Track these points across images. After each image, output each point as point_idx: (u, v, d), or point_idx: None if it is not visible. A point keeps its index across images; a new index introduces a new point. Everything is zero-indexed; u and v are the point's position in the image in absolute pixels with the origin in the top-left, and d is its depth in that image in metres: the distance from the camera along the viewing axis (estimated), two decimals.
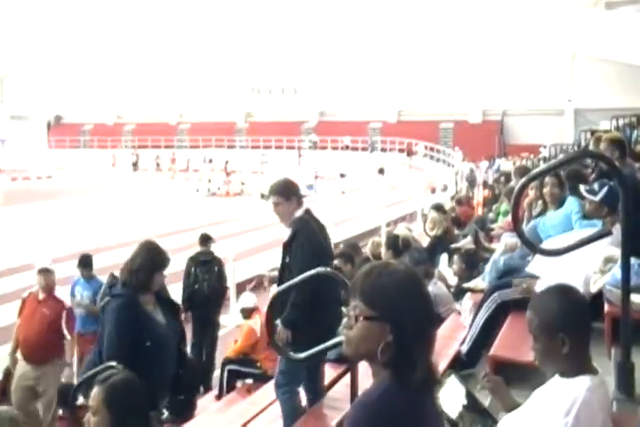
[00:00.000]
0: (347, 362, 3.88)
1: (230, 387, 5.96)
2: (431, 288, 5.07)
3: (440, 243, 8.50)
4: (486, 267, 4.86)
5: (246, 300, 6.34)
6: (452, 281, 6.13)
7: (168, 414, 4.12)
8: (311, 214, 4.02)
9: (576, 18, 26.19)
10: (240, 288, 9.27)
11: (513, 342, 3.54)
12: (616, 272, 2.94)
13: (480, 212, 11.57)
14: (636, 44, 25.84)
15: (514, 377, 3.10)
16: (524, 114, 32.81)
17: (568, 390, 1.81)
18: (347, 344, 1.44)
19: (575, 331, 1.84)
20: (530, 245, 2.99)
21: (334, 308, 3.76)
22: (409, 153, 33.22)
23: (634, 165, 4.97)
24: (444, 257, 7.99)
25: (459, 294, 5.45)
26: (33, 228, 17.20)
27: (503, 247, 4.93)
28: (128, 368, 2.82)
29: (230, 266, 8.14)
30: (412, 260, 6.07)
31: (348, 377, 3.63)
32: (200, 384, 4.99)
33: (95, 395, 2.31)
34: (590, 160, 5.65)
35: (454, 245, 7.71)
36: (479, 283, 4.88)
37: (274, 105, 37.56)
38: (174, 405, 3.50)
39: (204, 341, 7.34)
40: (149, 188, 28.28)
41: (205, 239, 7.68)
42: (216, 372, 6.71)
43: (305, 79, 36.84)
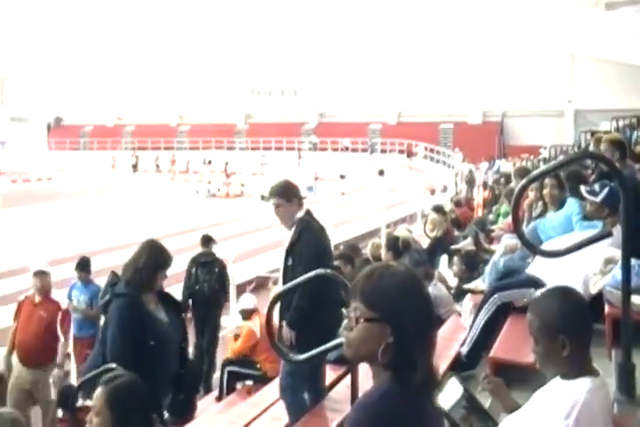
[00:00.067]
0: (347, 363, 3.87)
1: (230, 388, 5.96)
2: (431, 290, 5.07)
3: (440, 244, 8.51)
4: (486, 268, 4.85)
5: (246, 301, 6.34)
6: (452, 282, 6.13)
7: (168, 415, 4.12)
8: (312, 216, 4.03)
9: (576, 18, 26.20)
10: (240, 289, 9.26)
11: (513, 343, 3.53)
12: (616, 273, 2.94)
13: (480, 213, 11.57)
14: (636, 44, 25.85)
15: (514, 379, 3.10)
16: (523, 115, 32.82)
17: (569, 392, 1.81)
18: (347, 346, 1.44)
19: (576, 333, 1.84)
20: (530, 246, 2.99)
21: (335, 309, 3.76)
22: (409, 154, 33.23)
23: (634, 166, 4.98)
24: (444, 258, 7.99)
25: (459, 295, 5.45)
26: (33, 230, 17.18)
27: (503, 249, 4.93)
28: (131, 368, 2.82)
29: (230, 267, 8.16)
30: (412, 261, 6.08)
31: (348, 378, 3.62)
32: (199, 384, 4.98)
33: (98, 396, 2.31)
34: (590, 161, 5.65)
35: (454, 247, 7.72)
36: (479, 284, 4.88)
37: (274, 106, 37.58)
38: (174, 405, 3.49)
39: (204, 341, 7.35)
40: (149, 189, 28.27)
41: (207, 241, 7.68)
42: (216, 373, 6.71)
43: (305, 81, 36.86)
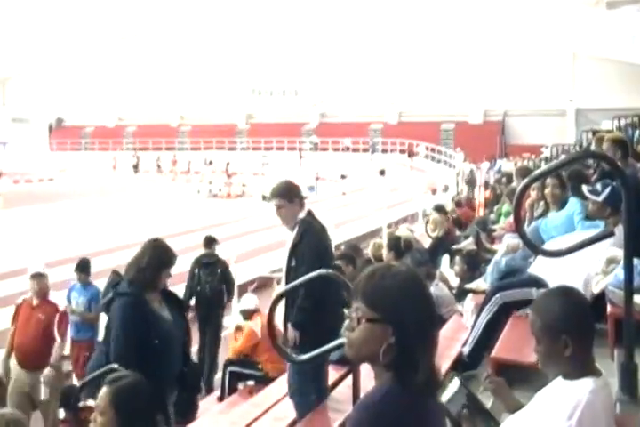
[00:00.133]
0: (349, 363, 3.87)
1: (232, 389, 5.96)
2: (433, 289, 5.06)
3: (441, 244, 8.50)
4: (488, 268, 4.85)
5: (247, 301, 6.33)
6: (454, 282, 6.13)
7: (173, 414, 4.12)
8: (313, 216, 4.02)
9: (577, 17, 26.18)
10: (242, 289, 9.27)
11: (515, 343, 3.53)
12: (619, 273, 2.94)
13: (481, 213, 11.55)
14: (637, 43, 25.81)
15: (516, 379, 3.09)
16: (525, 114, 32.80)
17: (571, 392, 1.80)
18: (349, 346, 1.44)
19: (578, 333, 1.83)
20: (532, 246, 2.98)
21: (337, 309, 3.76)
22: (410, 154, 33.21)
23: (636, 165, 4.96)
24: (445, 258, 7.99)
25: (460, 295, 5.45)
26: (34, 231, 17.19)
27: (505, 248, 4.93)
28: (135, 367, 2.82)
29: (232, 268, 8.18)
30: (413, 261, 6.08)
31: (350, 379, 3.62)
32: (200, 384, 4.98)
33: (103, 395, 2.29)
34: (592, 160, 5.64)
35: (456, 247, 7.71)
36: (481, 284, 4.88)
37: (275, 106, 37.59)
38: (177, 405, 3.49)
39: (206, 342, 7.35)
40: (150, 190, 28.28)
41: (210, 242, 7.71)
42: (218, 373, 6.71)
43: (306, 81, 36.86)
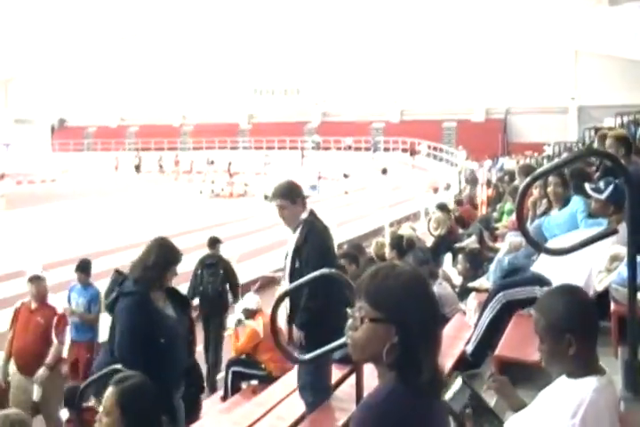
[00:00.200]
0: (352, 362, 3.87)
1: (235, 388, 5.96)
2: (436, 288, 5.06)
3: (444, 242, 8.50)
4: (491, 266, 4.84)
5: (249, 301, 6.31)
6: (457, 281, 6.13)
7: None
8: (315, 216, 4.01)
9: (579, 14, 26.12)
10: (244, 289, 9.27)
11: (518, 341, 3.52)
12: (622, 271, 2.92)
13: (484, 211, 11.52)
14: (639, 40, 25.72)
15: (519, 377, 3.08)
16: (527, 112, 32.75)
17: (575, 391, 1.79)
18: (352, 346, 1.44)
19: (582, 332, 1.82)
20: (535, 244, 2.97)
21: (340, 309, 3.75)
22: (412, 153, 33.17)
23: (639, 162, 4.94)
24: (448, 257, 7.98)
25: (463, 293, 5.45)
26: (36, 232, 17.22)
27: (508, 246, 4.92)
28: (141, 365, 2.84)
29: (235, 267, 8.20)
30: (416, 260, 6.07)
31: (353, 378, 3.62)
32: (203, 384, 4.98)
33: (109, 396, 2.30)
34: (594, 158, 5.62)
35: (459, 245, 7.69)
36: (484, 282, 4.87)
37: (276, 106, 37.59)
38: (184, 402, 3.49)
39: (209, 343, 7.35)
40: (153, 190, 28.30)
41: (213, 242, 7.75)
42: (221, 373, 6.71)
43: (307, 80, 36.85)
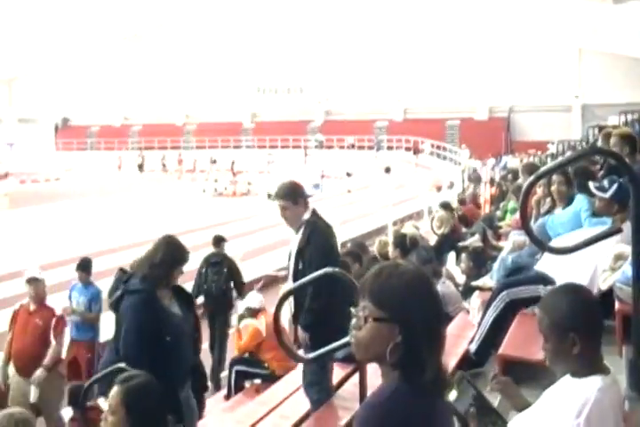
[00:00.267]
0: (355, 361, 3.87)
1: (239, 387, 5.96)
2: (440, 287, 5.05)
3: (447, 241, 8.48)
4: (494, 265, 4.83)
5: (252, 300, 6.28)
6: (460, 279, 6.12)
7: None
8: (318, 215, 4.01)
9: (583, 12, 26.00)
10: (248, 288, 9.27)
11: (522, 340, 3.52)
12: (626, 269, 2.92)
13: (487, 209, 11.50)
14: None
15: (523, 376, 3.08)
16: (530, 110, 32.67)
17: (579, 390, 1.79)
18: (355, 346, 1.43)
19: (586, 331, 1.82)
20: (538, 243, 2.95)
21: (344, 308, 3.75)
22: (415, 151, 33.14)
23: None
24: (451, 255, 7.98)
25: (467, 292, 5.44)
26: (39, 231, 17.25)
27: (511, 245, 4.91)
28: (147, 363, 2.85)
29: (238, 266, 8.21)
30: (419, 258, 6.06)
31: (356, 376, 3.62)
32: (207, 382, 4.99)
33: (114, 395, 2.30)
34: (598, 156, 5.60)
35: (462, 244, 7.68)
36: (487, 281, 4.86)
37: (279, 105, 37.58)
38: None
39: (214, 341, 7.36)
40: (156, 189, 28.34)
41: (218, 241, 7.77)
42: (225, 372, 6.71)
43: (310, 78, 36.82)
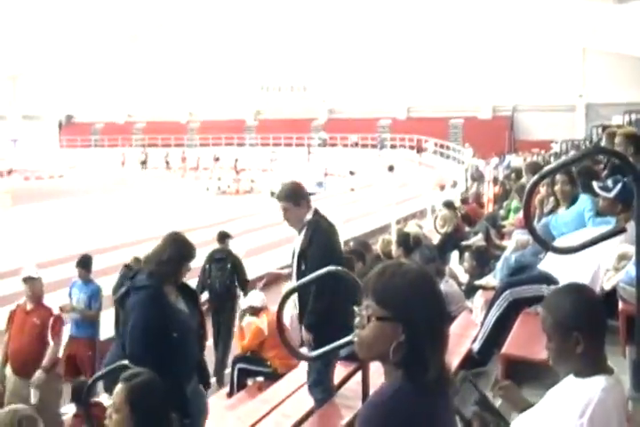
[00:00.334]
0: (358, 360, 3.87)
1: (241, 385, 5.96)
2: (443, 286, 5.05)
3: (450, 240, 8.49)
4: (497, 264, 4.83)
5: (254, 298, 6.26)
6: (463, 278, 6.11)
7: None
8: (320, 215, 4.00)
9: (587, 11, 25.92)
10: (251, 286, 9.28)
11: (525, 340, 3.51)
12: (630, 269, 2.91)
13: (490, 209, 11.49)
14: None
15: (526, 376, 3.08)
16: (534, 109, 32.59)
17: (583, 390, 1.78)
18: (359, 345, 1.43)
19: (589, 330, 1.81)
20: (542, 242, 2.95)
21: (347, 307, 3.75)
22: (418, 150, 33.11)
23: None
24: (454, 254, 7.97)
25: (470, 291, 5.44)
26: (41, 228, 17.28)
27: (514, 244, 4.91)
28: (153, 360, 2.86)
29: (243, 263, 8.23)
30: (422, 257, 6.07)
31: (359, 375, 3.62)
32: (209, 379, 5.00)
33: (119, 392, 2.30)
34: (602, 156, 5.59)
35: (465, 243, 7.68)
36: (490, 280, 4.86)
37: (283, 103, 37.56)
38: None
39: (218, 337, 7.37)
40: (159, 186, 28.37)
41: (223, 237, 7.80)
42: (228, 369, 6.72)
43: (314, 77, 36.80)
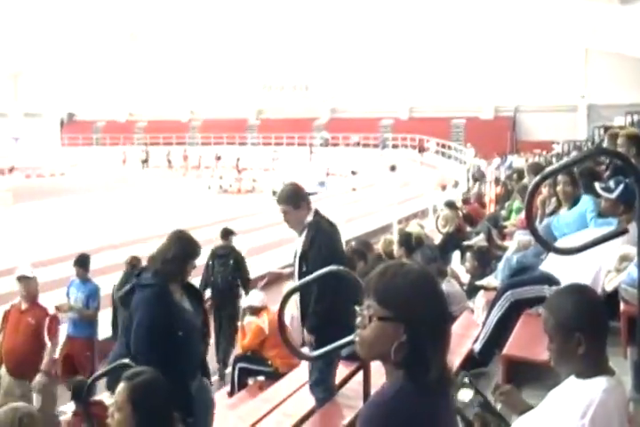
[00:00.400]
0: (359, 360, 3.87)
1: (242, 384, 5.96)
2: (445, 287, 5.05)
3: (452, 240, 8.48)
4: (499, 265, 4.83)
5: (254, 298, 6.23)
6: (465, 279, 6.11)
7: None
8: (320, 215, 3.99)
9: (590, 12, 25.90)
10: (252, 285, 9.29)
11: (526, 340, 3.51)
12: (632, 271, 2.92)
13: (492, 209, 11.48)
14: None
15: (527, 377, 3.08)
16: (536, 110, 32.57)
17: (584, 391, 1.78)
18: (360, 344, 1.43)
19: (591, 331, 1.81)
20: (544, 243, 2.95)
21: (349, 306, 3.75)
22: (420, 150, 33.09)
23: None
24: (456, 254, 7.96)
25: (471, 291, 5.44)
26: (41, 226, 17.27)
27: (516, 245, 4.90)
28: (158, 358, 2.87)
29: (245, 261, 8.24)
30: (424, 257, 6.06)
31: (360, 375, 3.62)
32: (210, 378, 5.01)
33: (121, 391, 2.30)
34: (604, 157, 5.58)
35: (467, 243, 7.66)
36: (492, 281, 4.86)
37: (285, 102, 37.54)
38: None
39: (221, 334, 7.37)
40: (161, 185, 28.36)
41: (227, 233, 7.84)
42: (228, 368, 6.72)
43: (316, 76, 36.79)
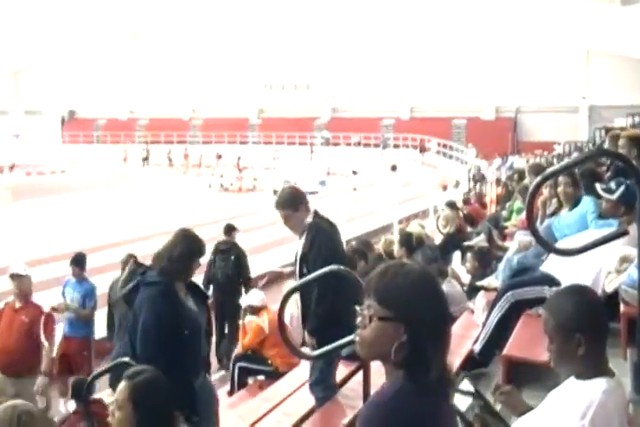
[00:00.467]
0: (359, 359, 3.88)
1: (242, 384, 5.96)
2: (445, 287, 5.05)
3: (452, 240, 8.48)
4: (500, 265, 4.83)
5: (254, 298, 6.21)
6: (465, 279, 6.11)
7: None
8: (320, 216, 3.98)
9: (591, 14, 25.91)
10: (252, 283, 9.29)
11: (526, 341, 3.52)
12: (632, 272, 2.92)
13: (493, 209, 11.48)
14: None
15: (527, 377, 3.08)
16: (537, 111, 32.58)
17: (584, 392, 1.78)
18: (360, 344, 1.43)
19: (591, 332, 1.81)
20: (544, 244, 2.95)
21: (349, 306, 3.75)
22: (421, 150, 33.09)
23: None
24: (456, 255, 7.96)
25: (472, 292, 5.44)
26: (42, 224, 17.27)
27: (517, 246, 4.90)
28: (163, 357, 2.87)
29: (247, 259, 8.24)
30: (424, 257, 6.06)
31: (360, 374, 3.63)
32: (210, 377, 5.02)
33: (122, 390, 2.30)
34: (605, 158, 5.58)
35: (467, 243, 7.66)
36: (492, 281, 4.86)
37: (286, 101, 37.55)
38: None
39: (223, 330, 7.38)
40: (162, 183, 28.36)
41: (229, 229, 7.87)
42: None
43: (318, 75, 36.79)
